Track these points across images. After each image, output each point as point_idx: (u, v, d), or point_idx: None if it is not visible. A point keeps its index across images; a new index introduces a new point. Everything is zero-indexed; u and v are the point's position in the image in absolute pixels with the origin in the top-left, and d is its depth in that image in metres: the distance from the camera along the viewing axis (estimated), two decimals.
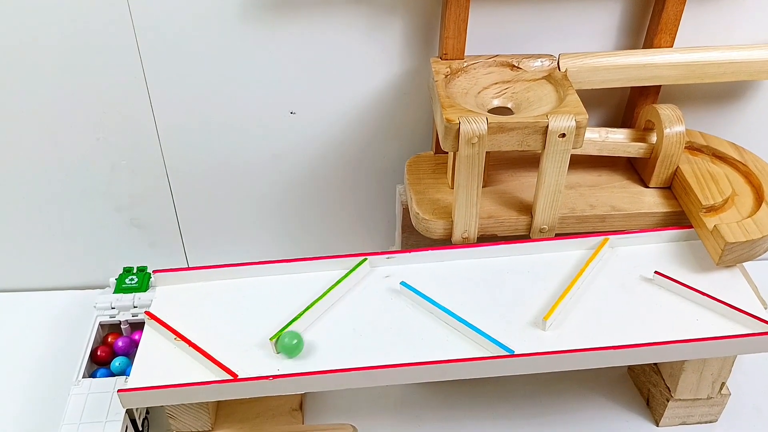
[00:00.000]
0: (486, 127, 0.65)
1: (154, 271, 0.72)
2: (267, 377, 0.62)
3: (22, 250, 0.90)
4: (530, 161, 0.79)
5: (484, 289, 0.70)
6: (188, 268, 0.73)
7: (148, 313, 0.69)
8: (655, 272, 0.69)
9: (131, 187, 0.86)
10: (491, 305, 0.68)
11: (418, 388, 0.79)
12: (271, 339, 0.64)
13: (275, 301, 0.70)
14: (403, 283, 0.69)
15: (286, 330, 0.65)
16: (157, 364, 0.65)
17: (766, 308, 0.67)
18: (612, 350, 0.63)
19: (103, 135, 0.81)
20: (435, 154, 0.81)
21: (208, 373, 0.64)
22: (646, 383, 0.77)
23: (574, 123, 0.65)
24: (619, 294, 0.69)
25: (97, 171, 0.84)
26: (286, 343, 0.64)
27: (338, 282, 0.70)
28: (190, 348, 0.65)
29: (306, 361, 0.64)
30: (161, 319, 0.68)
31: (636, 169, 0.79)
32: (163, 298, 0.71)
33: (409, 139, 0.83)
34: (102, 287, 0.89)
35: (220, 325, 0.68)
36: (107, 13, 0.72)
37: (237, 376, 0.62)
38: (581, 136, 0.66)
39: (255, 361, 0.64)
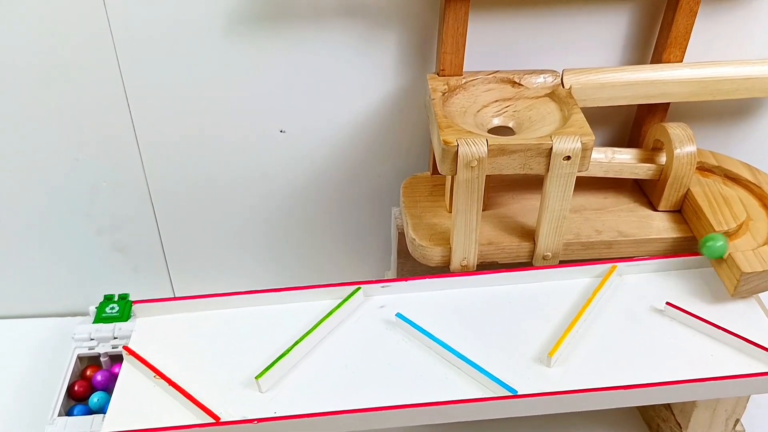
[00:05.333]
0: (486, 150, 0.61)
1: (135, 302, 0.69)
2: (251, 421, 0.58)
3: None
4: (533, 183, 0.76)
5: (484, 321, 0.66)
6: (171, 299, 0.69)
7: (126, 348, 0.65)
8: (667, 303, 0.65)
9: (113, 209, 0.83)
10: (492, 338, 0.64)
11: (415, 428, 0.75)
12: (256, 378, 0.61)
13: (263, 335, 0.66)
14: (398, 315, 0.66)
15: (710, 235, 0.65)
16: (135, 404, 0.61)
17: None
18: (621, 390, 0.59)
19: (83, 155, 0.78)
20: (432, 174, 0.78)
21: (189, 414, 0.60)
22: (655, 418, 0.74)
23: (579, 145, 0.62)
24: (629, 327, 0.65)
25: (77, 193, 0.81)
26: (710, 245, 0.65)
27: (330, 313, 0.66)
28: (171, 387, 0.61)
29: (294, 401, 0.60)
30: (140, 354, 0.64)
31: (644, 191, 0.75)
32: (144, 330, 0.67)
33: (405, 158, 0.81)
34: (83, 314, 0.86)
35: (203, 360, 0.64)
36: (86, 28, 0.70)
37: (219, 419, 0.59)
38: (587, 158, 0.63)
39: (239, 401, 0.60)
